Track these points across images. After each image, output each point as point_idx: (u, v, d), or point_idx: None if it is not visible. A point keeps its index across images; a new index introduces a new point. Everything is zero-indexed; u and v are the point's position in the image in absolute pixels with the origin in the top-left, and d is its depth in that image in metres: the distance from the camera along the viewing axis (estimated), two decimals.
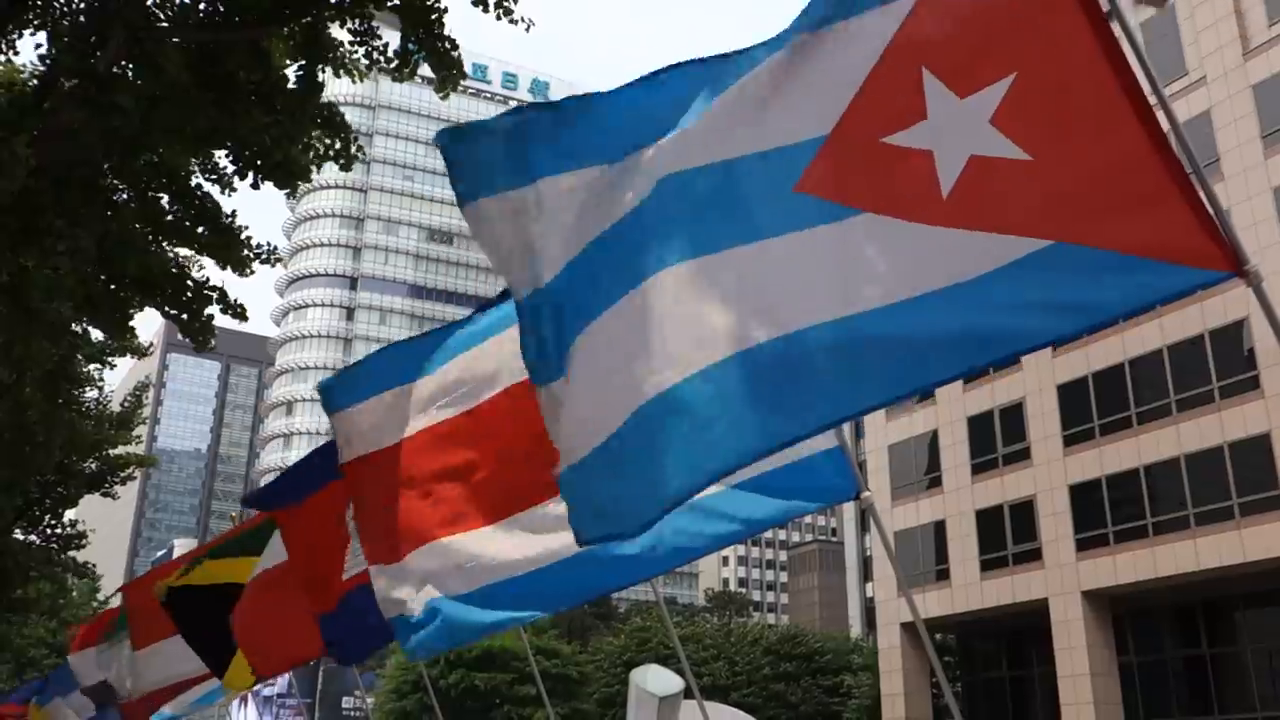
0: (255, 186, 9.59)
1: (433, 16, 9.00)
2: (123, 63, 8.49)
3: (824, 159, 3.39)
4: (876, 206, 3.32)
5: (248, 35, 8.50)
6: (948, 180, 3.17)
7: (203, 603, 9.14)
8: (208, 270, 10.78)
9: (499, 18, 9.25)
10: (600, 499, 3.78)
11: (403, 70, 9.41)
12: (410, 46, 9.23)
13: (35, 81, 8.90)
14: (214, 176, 9.77)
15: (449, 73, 9.35)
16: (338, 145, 9.75)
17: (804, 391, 3.45)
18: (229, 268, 10.35)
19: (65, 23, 8.54)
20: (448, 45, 9.22)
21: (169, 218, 10.06)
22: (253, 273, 10.58)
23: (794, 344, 3.42)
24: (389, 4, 9.00)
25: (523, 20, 9.49)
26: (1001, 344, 3.25)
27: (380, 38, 9.49)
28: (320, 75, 9.27)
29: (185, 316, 10.54)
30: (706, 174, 3.59)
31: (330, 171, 10.45)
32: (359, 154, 10.02)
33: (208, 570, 9.36)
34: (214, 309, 10.66)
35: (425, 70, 9.59)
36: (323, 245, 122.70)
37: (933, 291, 3.24)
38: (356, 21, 9.21)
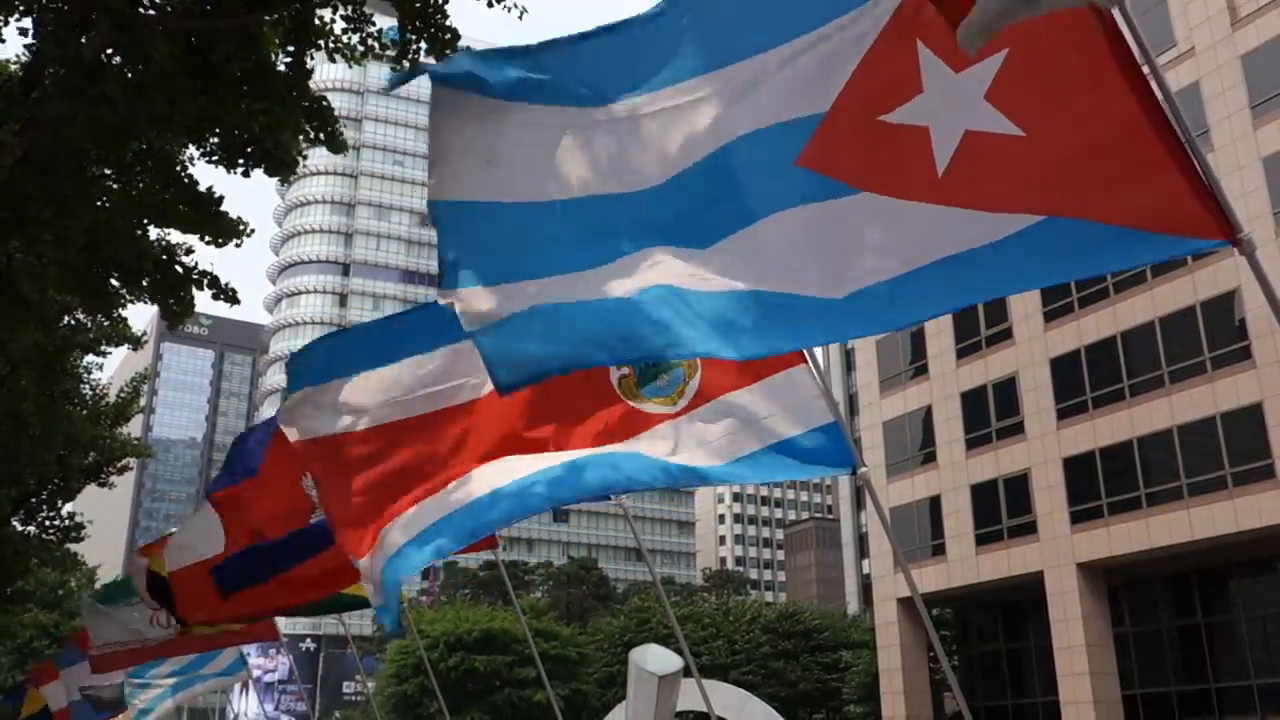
0: (246, 175, 9.54)
1: (429, 8, 8.93)
2: (110, 51, 8.44)
3: (824, 135, 3.40)
4: (875, 186, 3.34)
5: (236, 23, 8.44)
6: (943, 157, 3.18)
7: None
8: (196, 255, 10.72)
9: (490, 4, 9.18)
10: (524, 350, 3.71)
11: (402, 60, 9.33)
12: (409, 36, 9.16)
13: (21, 71, 8.84)
14: (207, 155, 9.69)
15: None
16: (324, 134, 9.70)
17: (784, 324, 3.55)
18: (214, 241, 10.28)
19: (51, 9, 8.47)
20: (449, 36, 9.15)
21: (154, 200, 10.00)
22: (239, 244, 10.55)
23: (783, 299, 3.52)
24: None
25: (515, 6, 9.41)
26: (990, 287, 3.32)
27: (373, 23, 9.43)
28: (309, 61, 9.21)
29: (170, 301, 10.53)
30: (708, 163, 3.60)
31: (320, 157, 10.46)
32: (342, 136, 9.98)
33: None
34: (204, 293, 10.65)
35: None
36: (314, 232, 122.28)
37: (925, 265, 3.28)
38: (348, 7, 9.14)
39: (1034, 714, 38.31)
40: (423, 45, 9.26)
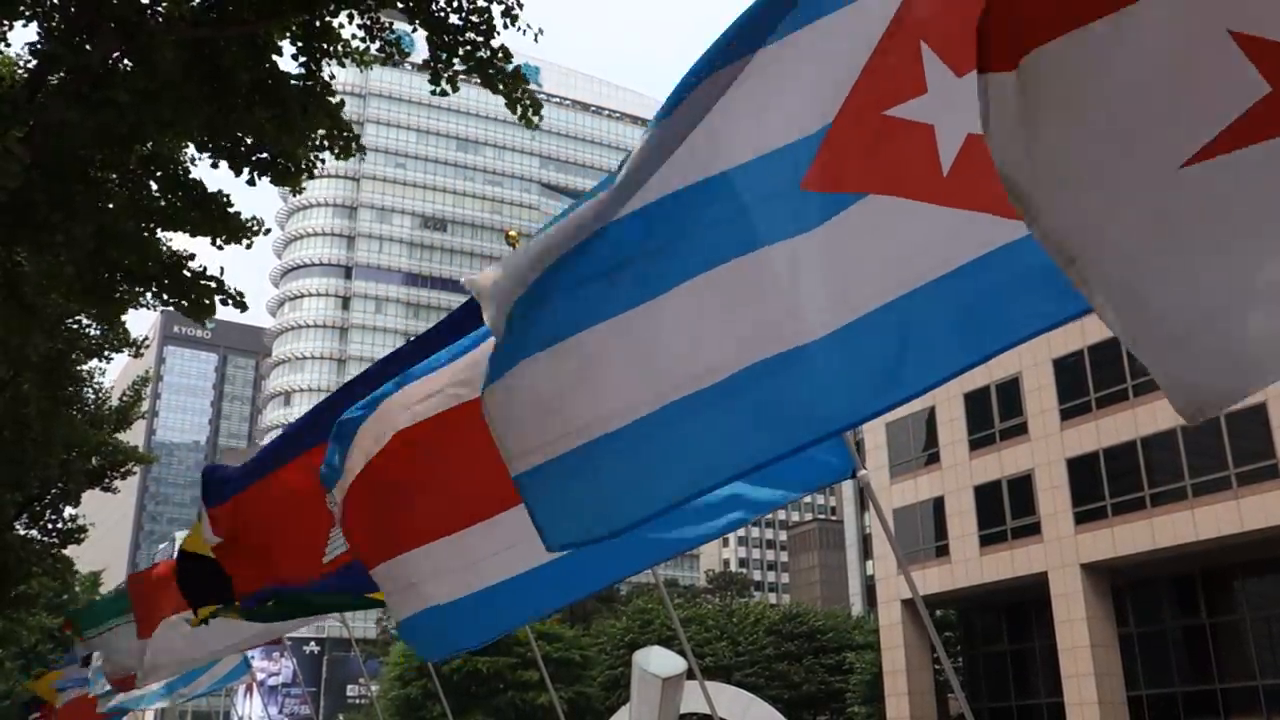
0: (251, 183, 9.49)
1: (461, 30, 8.75)
2: (117, 57, 8.45)
3: (829, 147, 3.35)
4: (879, 186, 3.30)
5: (244, 30, 8.42)
6: (948, 157, 3.16)
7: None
8: (204, 260, 10.72)
9: (505, 26, 9.08)
10: (569, 502, 3.81)
11: (438, 81, 9.14)
12: (441, 55, 8.98)
13: (27, 75, 8.86)
14: (211, 153, 9.62)
15: (508, 87, 8.97)
16: (338, 139, 9.66)
17: (804, 404, 3.50)
18: (222, 242, 10.20)
19: (57, 15, 8.49)
20: (499, 56, 8.89)
21: (160, 204, 9.98)
22: (249, 245, 10.46)
23: (795, 359, 3.46)
24: (397, 5, 8.83)
25: (529, 27, 9.31)
26: (1001, 335, 3.29)
27: (390, 29, 9.32)
28: (326, 72, 9.15)
29: (185, 303, 10.52)
30: (709, 186, 3.52)
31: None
32: (359, 150, 9.92)
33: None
34: (214, 298, 10.63)
35: (421, 55, 9.35)
36: (316, 235, 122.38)
37: (930, 281, 3.26)
38: (364, 16, 9.06)
39: (1038, 715, 38.26)
40: (456, 64, 9.07)
